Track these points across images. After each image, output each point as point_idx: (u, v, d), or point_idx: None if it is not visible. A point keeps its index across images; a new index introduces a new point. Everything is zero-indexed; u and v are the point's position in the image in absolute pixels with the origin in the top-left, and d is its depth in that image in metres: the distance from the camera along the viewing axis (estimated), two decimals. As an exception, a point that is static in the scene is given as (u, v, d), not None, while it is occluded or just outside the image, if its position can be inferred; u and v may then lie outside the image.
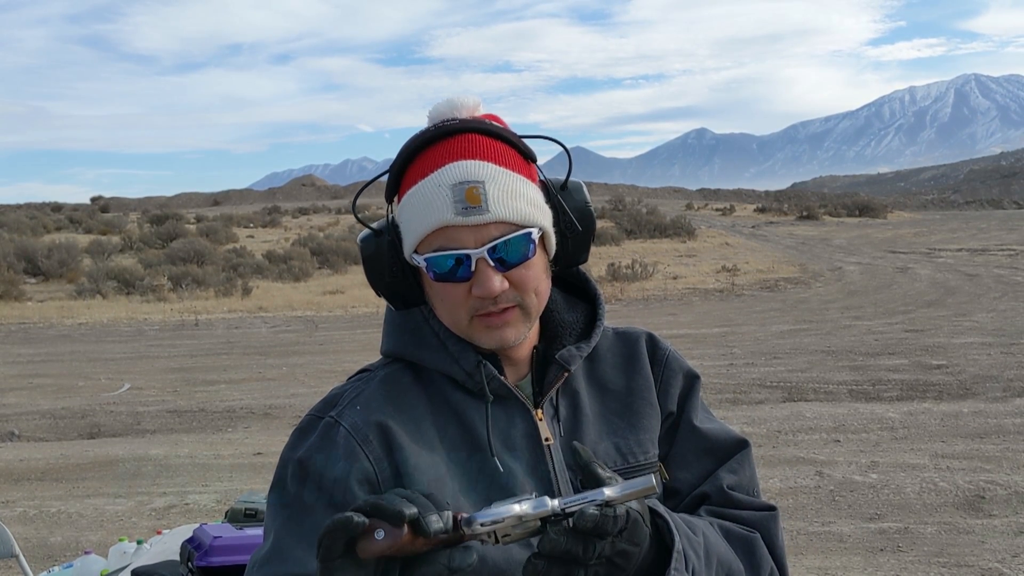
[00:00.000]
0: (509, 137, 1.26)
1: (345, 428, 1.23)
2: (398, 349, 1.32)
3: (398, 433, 1.23)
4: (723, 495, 1.33)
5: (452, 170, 1.20)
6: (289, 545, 1.19)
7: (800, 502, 5.91)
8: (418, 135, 1.25)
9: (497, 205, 1.19)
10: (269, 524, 1.24)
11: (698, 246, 32.12)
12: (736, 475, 1.35)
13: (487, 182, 1.20)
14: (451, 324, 1.26)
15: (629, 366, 1.38)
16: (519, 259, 1.21)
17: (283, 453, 1.27)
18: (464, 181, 1.19)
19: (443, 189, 1.19)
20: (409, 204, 1.23)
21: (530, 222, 1.22)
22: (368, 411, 1.25)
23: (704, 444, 1.37)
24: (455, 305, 1.23)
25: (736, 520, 1.31)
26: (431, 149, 1.24)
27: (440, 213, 1.19)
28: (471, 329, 1.24)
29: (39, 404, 10.25)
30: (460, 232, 1.19)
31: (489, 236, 1.19)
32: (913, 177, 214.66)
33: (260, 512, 2.53)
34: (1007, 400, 8.76)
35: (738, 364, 11.27)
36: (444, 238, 1.19)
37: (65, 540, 5.67)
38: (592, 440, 1.31)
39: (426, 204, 1.20)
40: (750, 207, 56.23)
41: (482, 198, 1.19)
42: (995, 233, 36.62)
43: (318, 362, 12.72)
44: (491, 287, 1.19)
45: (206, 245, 28.65)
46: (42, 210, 52.65)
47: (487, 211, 1.19)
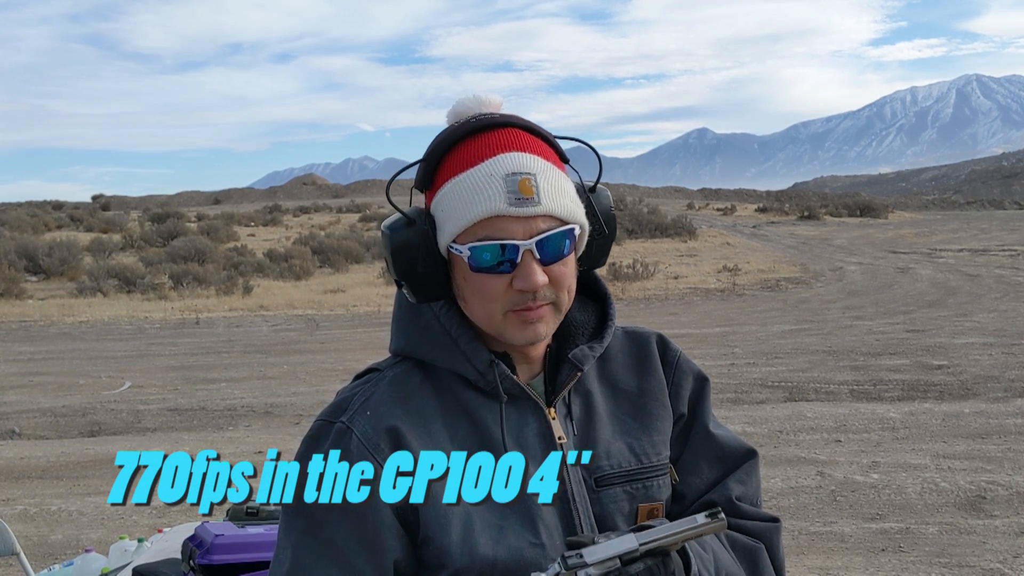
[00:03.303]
0: (548, 136, 1.26)
1: (357, 436, 1.22)
2: (408, 348, 1.31)
3: (408, 437, 1.22)
4: (731, 505, 1.34)
5: (504, 161, 1.20)
6: (309, 562, 1.20)
7: (801, 502, 5.91)
8: (460, 125, 1.24)
9: (548, 199, 1.19)
10: (284, 536, 1.24)
11: (699, 246, 32.11)
12: (744, 485, 1.36)
13: (538, 175, 1.20)
14: (482, 318, 1.24)
15: (641, 367, 1.38)
16: (560, 255, 1.21)
17: (297, 459, 1.26)
18: (517, 172, 1.19)
19: (495, 179, 1.18)
20: (454, 192, 1.21)
21: (574, 218, 1.22)
22: (377, 417, 1.23)
23: (716, 451, 1.38)
24: (491, 298, 1.21)
25: (741, 531, 1.32)
26: (473, 140, 1.23)
27: (491, 202, 1.18)
28: (504, 324, 1.23)
29: (40, 402, 10.25)
30: (509, 223, 1.18)
31: (537, 229, 1.19)
32: (914, 177, 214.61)
33: (262, 510, 2.53)
34: (1008, 400, 8.76)
35: (739, 364, 11.26)
36: (492, 228, 1.18)
37: (66, 538, 5.67)
38: (606, 439, 1.31)
39: (475, 192, 1.19)
40: (751, 207, 56.22)
41: (534, 190, 1.18)
42: (996, 233, 36.61)
43: (319, 361, 12.72)
44: (536, 280, 1.19)
45: (207, 243, 28.64)
46: (43, 208, 52.65)
47: (539, 203, 1.18)
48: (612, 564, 1.07)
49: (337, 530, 1.20)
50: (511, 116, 1.24)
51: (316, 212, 53.09)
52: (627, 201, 44.83)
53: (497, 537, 1.21)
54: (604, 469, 1.29)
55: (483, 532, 1.20)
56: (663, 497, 1.33)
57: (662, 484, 1.33)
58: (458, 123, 1.24)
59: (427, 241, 1.23)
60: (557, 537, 1.24)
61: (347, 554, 1.19)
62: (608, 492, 1.29)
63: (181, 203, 71.05)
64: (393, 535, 1.21)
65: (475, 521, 1.20)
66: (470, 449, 1.23)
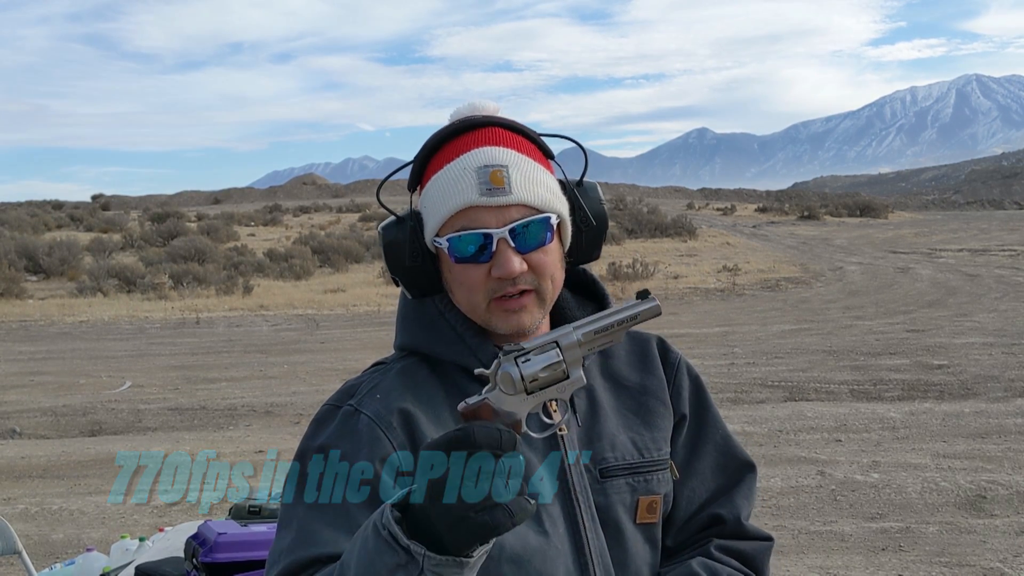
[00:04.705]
0: (530, 133, 1.31)
1: (367, 416, 1.24)
2: (414, 343, 1.34)
3: (419, 419, 1.25)
4: (738, 525, 1.39)
5: (477, 155, 1.25)
6: (316, 529, 1.19)
7: (802, 501, 5.91)
8: (444, 128, 1.29)
9: (520, 189, 1.24)
10: (288, 516, 1.24)
11: (699, 246, 32.10)
12: (749, 503, 1.42)
13: (511, 167, 1.24)
14: (469, 309, 1.29)
15: (642, 365, 1.42)
16: (537, 243, 1.25)
17: (302, 444, 1.27)
18: (489, 164, 1.24)
19: (468, 172, 1.24)
20: (433, 188, 1.27)
21: (549, 208, 1.26)
22: (388, 399, 1.26)
23: (721, 460, 1.43)
24: (473, 288, 1.26)
25: (740, 553, 1.37)
26: (456, 140, 1.28)
27: (465, 194, 1.23)
28: (488, 313, 1.27)
29: (40, 401, 10.25)
30: (483, 213, 1.23)
31: (511, 218, 1.24)
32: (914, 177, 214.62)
33: (264, 509, 2.53)
34: (1008, 400, 8.76)
35: (739, 363, 11.27)
36: (467, 219, 1.23)
37: (67, 537, 5.67)
38: (611, 432, 1.35)
39: (451, 186, 1.24)
40: (751, 207, 56.21)
41: (506, 181, 1.23)
42: (996, 233, 36.61)
43: (319, 360, 12.72)
44: (511, 267, 1.23)
45: (207, 243, 28.63)
46: (43, 208, 52.60)
47: (510, 193, 1.23)
48: (550, 347, 1.13)
49: (347, 507, 1.20)
50: (494, 116, 1.29)
51: (316, 212, 53.06)
52: (627, 201, 44.81)
53: None
54: (609, 461, 1.33)
55: None
56: (662, 491, 1.36)
57: (662, 479, 1.37)
58: (445, 126, 1.30)
59: (415, 237, 1.28)
60: (560, 526, 1.27)
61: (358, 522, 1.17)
62: (612, 483, 1.32)
63: (181, 203, 71.03)
64: None
65: None
66: None
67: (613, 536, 1.31)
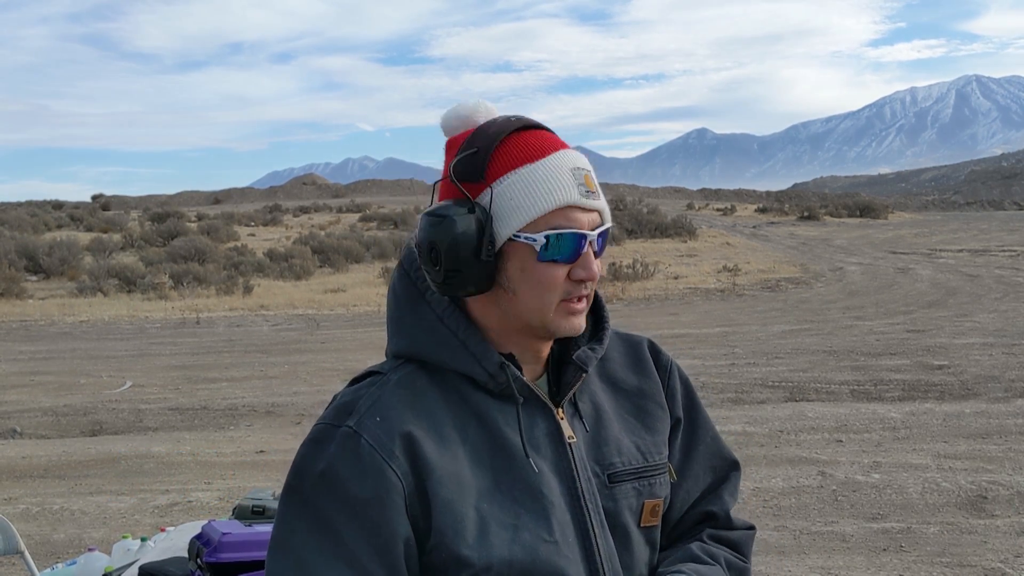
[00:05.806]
0: None
1: (368, 442, 1.18)
2: (413, 349, 1.28)
3: (422, 442, 1.20)
4: (728, 520, 1.45)
5: (566, 156, 1.26)
6: (315, 565, 1.16)
7: (803, 502, 5.92)
8: (505, 124, 1.26)
9: (602, 197, 1.28)
10: (284, 535, 1.19)
11: (699, 246, 32.11)
12: (734, 499, 1.47)
13: (592, 173, 1.27)
14: (536, 308, 1.24)
15: (637, 368, 1.42)
16: (603, 250, 1.29)
17: (298, 463, 1.21)
18: (581, 167, 1.26)
19: (564, 172, 1.24)
20: (521, 183, 1.23)
21: (610, 218, 1.31)
22: (389, 422, 1.20)
23: (711, 461, 1.46)
24: (550, 287, 1.24)
25: (730, 541, 1.43)
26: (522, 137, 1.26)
27: (566, 193, 1.23)
28: (555, 314, 1.25)
29: (41, 401, 10.25)
30: (579, 214, 1.24)
31: (597, 222, 1.26)
32: (914, 178, 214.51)
33: (268, 509, 2.53)
34: (1009, 400, 8.76)
35: (740, 364, 11.27)
36: (564, 218, 1.23)
37: (68, 537, 5.67)
38: (616, 436, 1.34)
39: (548, 183, 1.23)
40: (751, 207, 56.21)
41: (595, 186, 1.26)
42: (996, 234, 36.62)
43: (320, 360, 12.72)
44: (595, 270, 1.25)
45: (207, 243, 28.64)
46: (43, 208, 52.60)
47: (599, 199, 1.26)
48: None
49: (348, 541, 1.16)
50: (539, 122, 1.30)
51: (316, 212, 53.05)
52: (627, 201, 44.79)
53: (513, 536, 1.21)
54: (616, 466, 1.32)
55: (498, 533, 1.20)
56: (663, 495, 1.38)
57: (663, 482, 1.38)
58: (502, 119, 1.28)
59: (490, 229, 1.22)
60: (570, 534, 1.25)
61: (359, 557, 1.16)
62: (620, 488, 1.32)
63: (181, 203, 71.02)
64: (406, 543, 1.19)
65: (490, 522, 1.20)
66: (481, 451, 1.23)
67: (621, 541, 1.30)
